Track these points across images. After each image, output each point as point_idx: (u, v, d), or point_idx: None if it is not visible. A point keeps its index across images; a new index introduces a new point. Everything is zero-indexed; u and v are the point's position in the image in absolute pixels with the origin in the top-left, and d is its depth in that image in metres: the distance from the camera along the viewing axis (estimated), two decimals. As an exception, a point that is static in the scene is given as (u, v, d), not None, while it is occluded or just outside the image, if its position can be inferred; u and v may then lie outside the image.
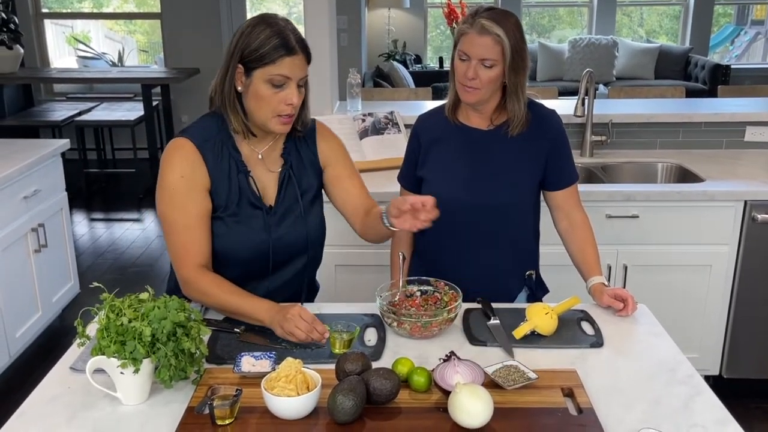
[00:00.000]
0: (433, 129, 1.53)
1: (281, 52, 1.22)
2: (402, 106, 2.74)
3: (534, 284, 1.57)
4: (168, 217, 1.29)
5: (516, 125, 1.45)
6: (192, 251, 1.29)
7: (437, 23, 6.75)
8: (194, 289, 1.29)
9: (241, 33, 1.25)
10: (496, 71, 1.38)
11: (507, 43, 1.36)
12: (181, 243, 1.29)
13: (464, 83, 1.40)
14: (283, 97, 1.25)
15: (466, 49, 1.38)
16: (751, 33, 6.90)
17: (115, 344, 1.04)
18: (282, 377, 1.04)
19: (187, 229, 1.28)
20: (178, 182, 1.27)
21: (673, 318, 2.11)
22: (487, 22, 1.35)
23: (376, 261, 2.06)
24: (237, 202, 1.31)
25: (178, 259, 1.30)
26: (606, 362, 1.21)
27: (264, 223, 1.33)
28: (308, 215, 1.39)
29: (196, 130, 1.32)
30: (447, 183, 1.48)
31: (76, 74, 5.01)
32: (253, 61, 1.23)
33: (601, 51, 6.22)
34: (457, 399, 1.01)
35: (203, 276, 1.29)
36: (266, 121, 1.28)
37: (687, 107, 2.71)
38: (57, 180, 2.76)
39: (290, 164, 1.37)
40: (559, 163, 1.49)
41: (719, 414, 1.07)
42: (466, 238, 1.49)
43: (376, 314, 1.34)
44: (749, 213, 2.12)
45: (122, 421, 1.05)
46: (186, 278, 1.30)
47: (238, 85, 1.27)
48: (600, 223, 2.10)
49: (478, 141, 1.48)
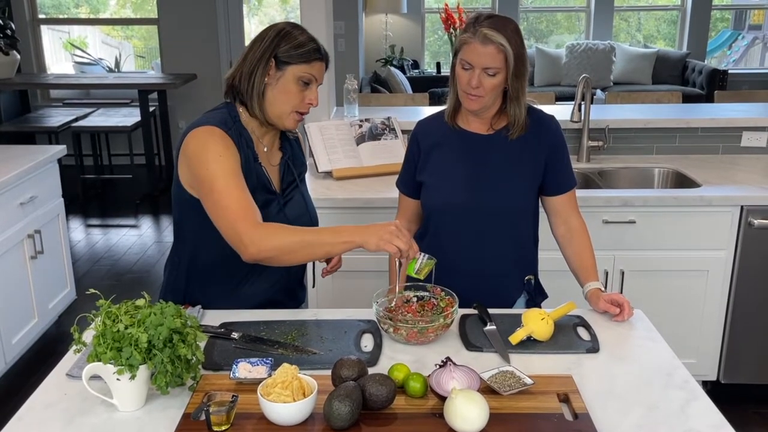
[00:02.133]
0: (432, 134, 1.53)
1: (317, 55, 1.34)
2: (399, 111, 2.75)
3: (533, 289, 1.57)
4: (221, 181, 1.25)
5: (516, 129, 1.46)
6: (252, 209, 1.26)
7: (435, 29, 6.78)
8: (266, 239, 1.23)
9: (278, 30, 1.34)
10: (499, 78, 1.39)
11: (510, 51, 1.37)
12: (241, 202, 1.25)
13: (468, 92, 1.41)
14: (306, 95, 1.35)
15: (469, 58, 1.38)
16: (749, 38, 6.94)
17: (111, 351, 1.04)
18: (278, 383, 1.04)
19: (243, 186, 1.27)
20: (225, 152, 1.28)
21: (670, 323, 2.11)
22: (489, 31, 1.36)
23: (373, 267, 2.06)
24: (255, 189, 1.35)
25: (240, 219, 1.24)
26: (602, 368, 1.21)
27: (279, 207, 1.40)
28: (306, 198, 1.50)
29: (213, 120, 1.33)
30: (447, 188, 1.49)
31: (73, 80, 5.02)
32: (291, 58, 1.32)
33: (598, 56, 6.25)
34: (453, 405, 1.01)
35: (267, 227, 1.26)
36: (283, 115, 1.36)
37: (684, 112, 2.72)
38: (53, 186, 2.76)
39: (288, 156, 1.46)
40: (558, 168, 1.50)
41: (715, 419, 1.07)
42: (465, 242, 1.50)
43: (373, 320, 1.34)
44: (746, 218, 2.13)
45: (118, 427, 1.05)
46: (253, 238, 1.23)
47: (266, 77, 1.33)
48: (597, 228, 2.10)
49: (478, 146, 1.49)
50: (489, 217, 1.47)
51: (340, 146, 2.36)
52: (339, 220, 2.12)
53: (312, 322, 1.37)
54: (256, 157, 1.37)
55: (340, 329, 1.33)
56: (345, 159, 2.32)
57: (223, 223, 1.27)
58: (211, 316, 1.39)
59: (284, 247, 1.25)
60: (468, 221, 1.48)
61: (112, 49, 6.38)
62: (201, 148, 1.29)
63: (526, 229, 1.53)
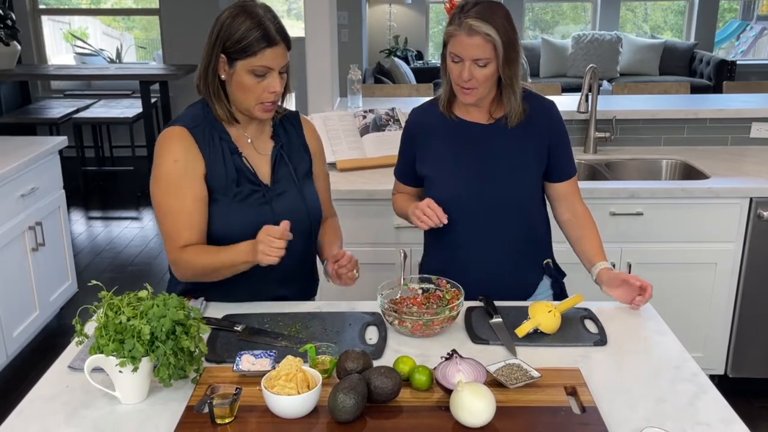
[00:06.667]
0: (429, 125, 1.50)
1: (263, 44, 1.25)
2: (403, 102, 2.73)
3: (552, 269, 1.55)
4: (163, 205, 1.30)
5: (514, 117, 1.43)
6: (184, 235, 1.30)
7: (439, 19, 6.73)
8: (182, 266, 1.31)
9: (221, 23, 1.27)
10: (491, 68, 1.36)
11: (498, 40, 1.32)
12: (173, 226, 1.30)
13: (461, 85, 1.38)
14: (265, 86, 1.28)
15: (457, 51, 1.35)
16: (757, 28, 6.87)
17: (113, 343, 1.03)
18: (282, 376, 1.03)
19: (181, 213, 1.29)
20: (172, 167, 1.29)
21: (678, 316, 2.09)
22: (474, 21, 1.31)
23: (378, 259, 2.05)
24: (236, 182, 1.32)
25: (168, 243, 1.32)
26: (610, 360, 1.20)
27: (265, 200, 1.35)
28: (305, 192, 1.40)
29: (185, 118, 1.34)
30: (452, 182, 1.46)
31: (74, 71, 4.99)
32: (235, 53, 1.26)
33: (605, 47, 6.19)
34: (459, 398, 0.99)
35: (185, 251, 1.30)
36: (250, 108, 1.31)
37: (692, 103, 2.69)
38: (54, 178, 2.75)
39: (281, 144, 1.40)
40: (560, 154, 1.48)
41: (724, 413, 1.05)
42: (476, 235, 1.47)
43: (378, 312, 1.33)
44: (755, 210, 2.10)
45: (121, 420, 1.04)
46: (173, 260, 1.32)
47: (222, 74, 1.29)
48: (604, 220, 2.08)
49: (480, 136, 1.46)
50: (498, 208, 1.45)
51: (344, 137, 2.34)
52: (342, 212, 2.09)
53: (316, 315, 1.35)
54: (234, 150, 1.33)
55: (344, 322, 1.32)
56: (349, 150, 2.30)
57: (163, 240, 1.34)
58: (214, 308, 1.37)
59: (198, 272, 1.30)
60: (477, 214, 1.45)
61: (114, 40, 6.35)
62: (158, 153, 1.30)
63: (537, 215, 1.51)
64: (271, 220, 1.31)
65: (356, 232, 2.09)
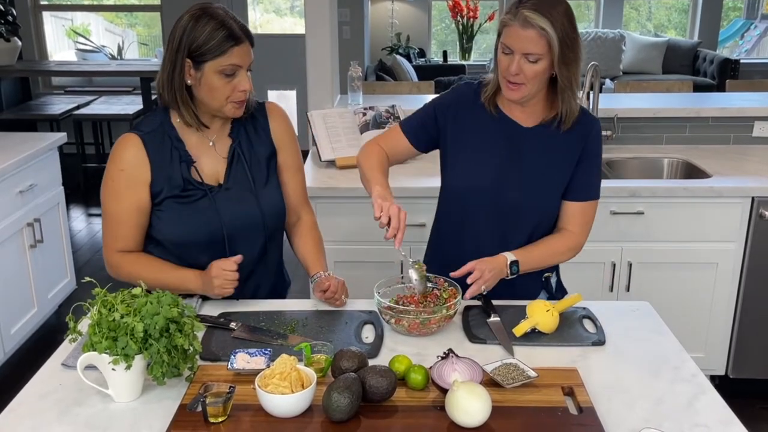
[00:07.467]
0: (470, 106, 1.42)
1: (230, 42, 1.26)
2: (404, 100, 2.71)
3: (553, 288, 1.51)
4: (105, 207, 1.36)
5: (567, 122, 1.36)
6: (120, 241, 1.35)
7: (442, 17, 6.70)
8: (115, 268, 1.36)
9: (183, 28, 1.27)
10: (542, 65, 1.28)
11: (554, 36, 1.25)
12: (111, 231, 1.35)
13: (508, 78, 1.32)
14: (235, 84, 1.28)
15: (508, 42, 1.29)
16: (761, 27, 6.82)
17: (106, 340, 1.02)
18: (276, 374, 1.02)
19: (119, 219, 1.34)
20: (118, 175, 1.32)
21: (678, 316, 2.08)
22: (530, 13, 1.25)
23: (375, 258, 2.04)
24: (182, 188, 1.33)
25: (105, 245, 1.37)
26: (608, 360, 1.19)
27: (211, 201, 1.34)
28: (260, 191, 1.38)
29: (142, 124, 1.36)
30: (476, 172, 1.41)
31: (75, 67, 4.98)
32: (202, 55, 1.26)
33: (608, 45, 6.16)
34: (454, 397, 0.99)
35: (124, 256, 1.35)
36: (220, 108, 1.31)
37: (694, 102, 2.67)
38: (54, 174, 2.74)
39: (238, 142, 1.38)
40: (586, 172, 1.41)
41: (723, 414, 1.04)
42: (482, 233, 1.44)
43: (374, 311, 1.32)
44: (757, 210, 2.09)
45: (114, 418, 1.03)
46: (110, 262, 1.36)
47: (188, 79, 1.29)
48: (604, 219, 2.07)
49: (517, 137, 1.40)
50: (511, 211, 1.41)
51: (344, 135, 2.33)
52: (341, 209, 2.09)
53: (312, 313, 1.35)
54: (183, 157, 1.32)
55: (340, 320, 1.31)
56: (348, 148, 2.29)
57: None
58: (210, 306, 1.37)
59: (133, 279, 1.29)
60: (489, 211, 1.41)
61: (115, 36, 6.34)
62: (110, 158, 1.33)
63: (547, 228, 1.45)
64: (218, 223, 1.33)
65: (354, 230, 2.08)
